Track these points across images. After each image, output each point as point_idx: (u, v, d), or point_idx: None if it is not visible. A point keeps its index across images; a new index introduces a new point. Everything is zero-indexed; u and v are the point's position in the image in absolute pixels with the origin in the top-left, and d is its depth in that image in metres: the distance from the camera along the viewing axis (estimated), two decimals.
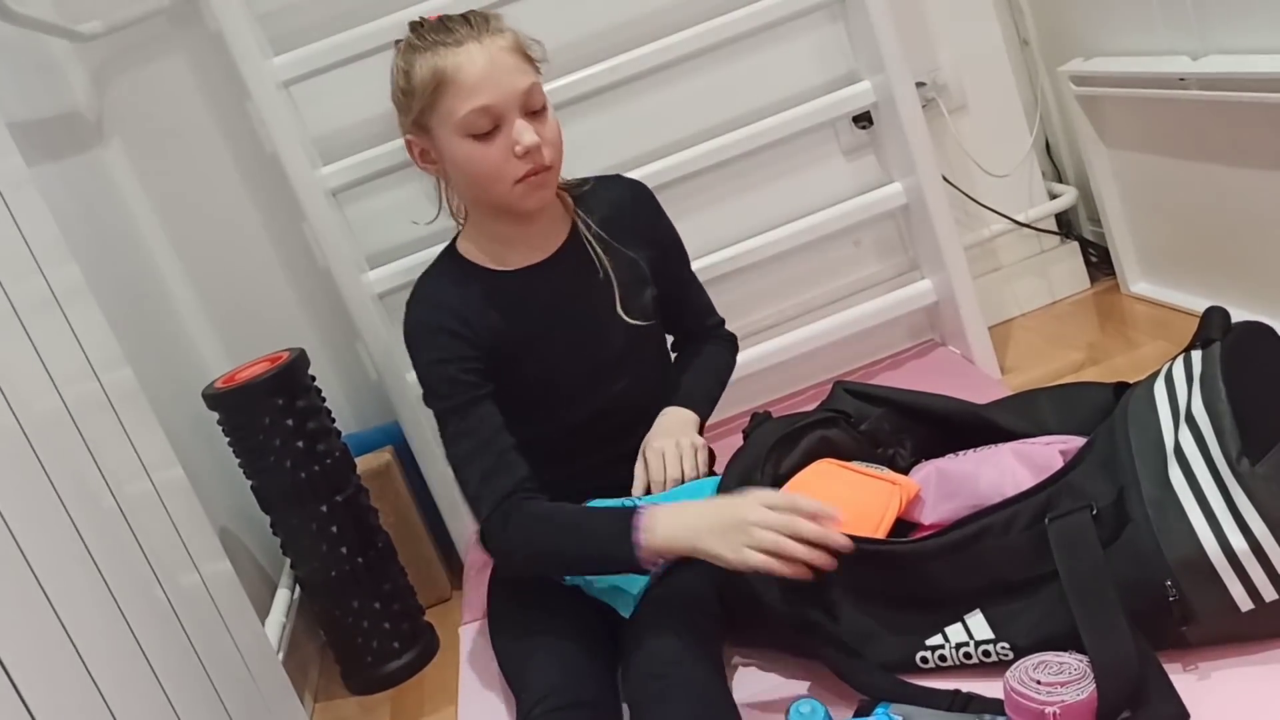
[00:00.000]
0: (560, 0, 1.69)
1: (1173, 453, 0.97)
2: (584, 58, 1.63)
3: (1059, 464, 1.10)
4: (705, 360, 1.44)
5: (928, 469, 1.24)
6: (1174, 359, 1.09)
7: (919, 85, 1.77)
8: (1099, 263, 2.00)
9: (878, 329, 1.82)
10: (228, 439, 1.48)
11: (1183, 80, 1.51)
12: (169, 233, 1.78)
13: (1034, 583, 1.00)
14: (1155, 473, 0.97)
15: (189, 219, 1.78)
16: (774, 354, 1.76)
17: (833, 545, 1.01)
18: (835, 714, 1.00)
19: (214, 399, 1.45)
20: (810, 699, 1.00)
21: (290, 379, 1.46)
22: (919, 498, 1.20)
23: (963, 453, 1.24)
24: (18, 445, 0.85)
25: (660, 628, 1.13)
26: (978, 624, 1.04)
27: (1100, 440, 1.06)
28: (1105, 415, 1.11)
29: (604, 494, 1.28)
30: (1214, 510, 0.91)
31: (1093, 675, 0.89)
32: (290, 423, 1.45)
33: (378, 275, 1.66)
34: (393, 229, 1.72)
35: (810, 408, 1.39)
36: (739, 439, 1.34)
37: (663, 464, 1.28)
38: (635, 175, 1.45)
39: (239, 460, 1.49)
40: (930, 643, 1.06)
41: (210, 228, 1.79)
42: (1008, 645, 1.01)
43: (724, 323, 1.49)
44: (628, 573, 1.16)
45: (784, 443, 1.25)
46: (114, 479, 1.01)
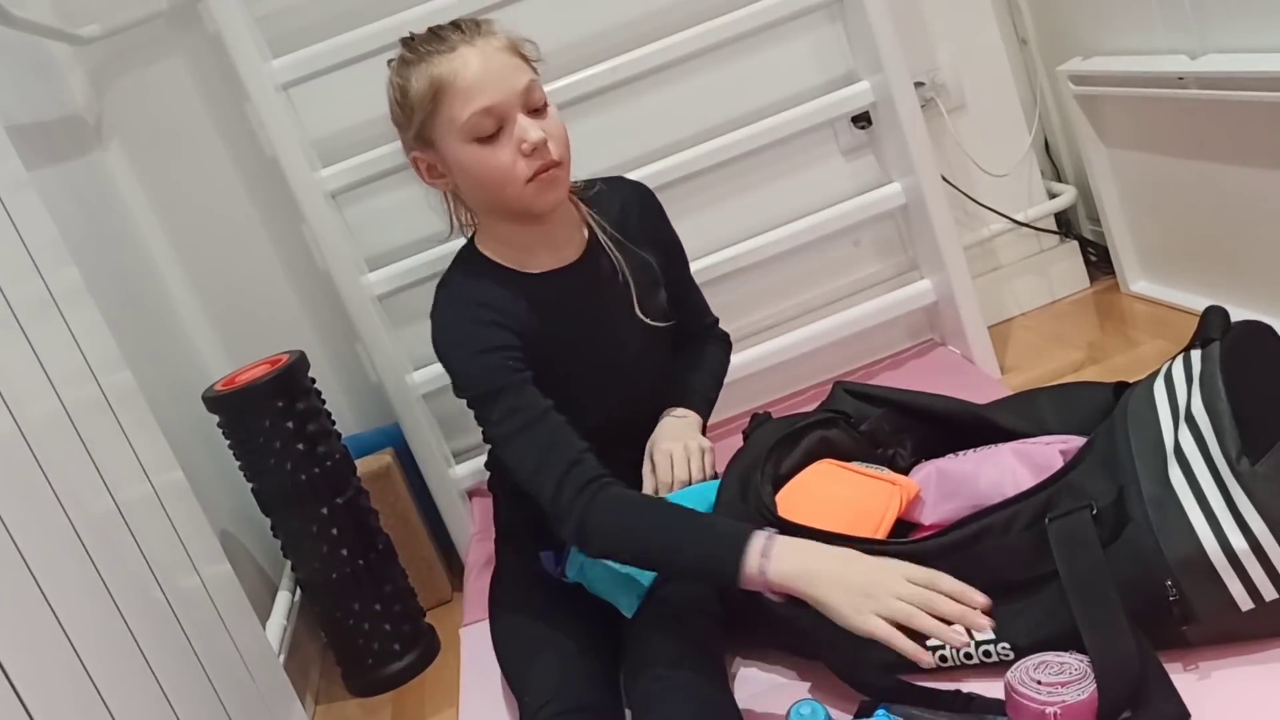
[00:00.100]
0: (560, 1, 1.69)
1: (1172, 452, 0.97)
2: (583, 58, 1.63)
3: (1059, 464, 1.10)
4: (705, 362, 1.44)
5: (928, 469, 1.24)
6: (1173, 358, 1.09)
7: (918, 85, 1.77)
8: (1098, 262, 2.00)
9: (877, 329, 1.82)
10: (228, 441, 1.48)
11: (1181, 79, 1.51)
12: (168, 235, 1.78)
13: (1035, 582, 1.00)
14: (1155, 472, 0.97)
15: (188, 221, 1.78)
16: (774, 354, 1.76)
17: (972, 627, 0.92)
18: (836, 715, 1.00)
19: (214, 401, 1.45)
20: (811, 700, 1.00)
21: (290, 381, 1.46)
22: (919, 498, 1.20)
23: (963, 453, 1.24)
24: (17, 447, 0.85)
25: (663, 628, 1.13)
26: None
27: (1100, 440, 1.06)
28: (1105, 415, 1.11)
29: None
30: (1214, 509, 0.91)
31: (1093, 675, 0.89)
32: (290, 425, 1.45)
33: (377, 277, 1.66)
34: (392, 231, 1.73)
35: (810, 408, 1.39)
36: (739, 439, 1.34)
37: (670, 466, 1.27)
38: (635, 176, 1.44)
39: (239, 462, 1.49)
40: (931, 643, 1.05)
41: (210, 230, 1.79)
42: (1008, 645, 1.01)
43: (718, 321, 1.49)
44: (720, 587, 1.10)
45: (784, 443, 1.26)
46: (113, 481, 1.01)
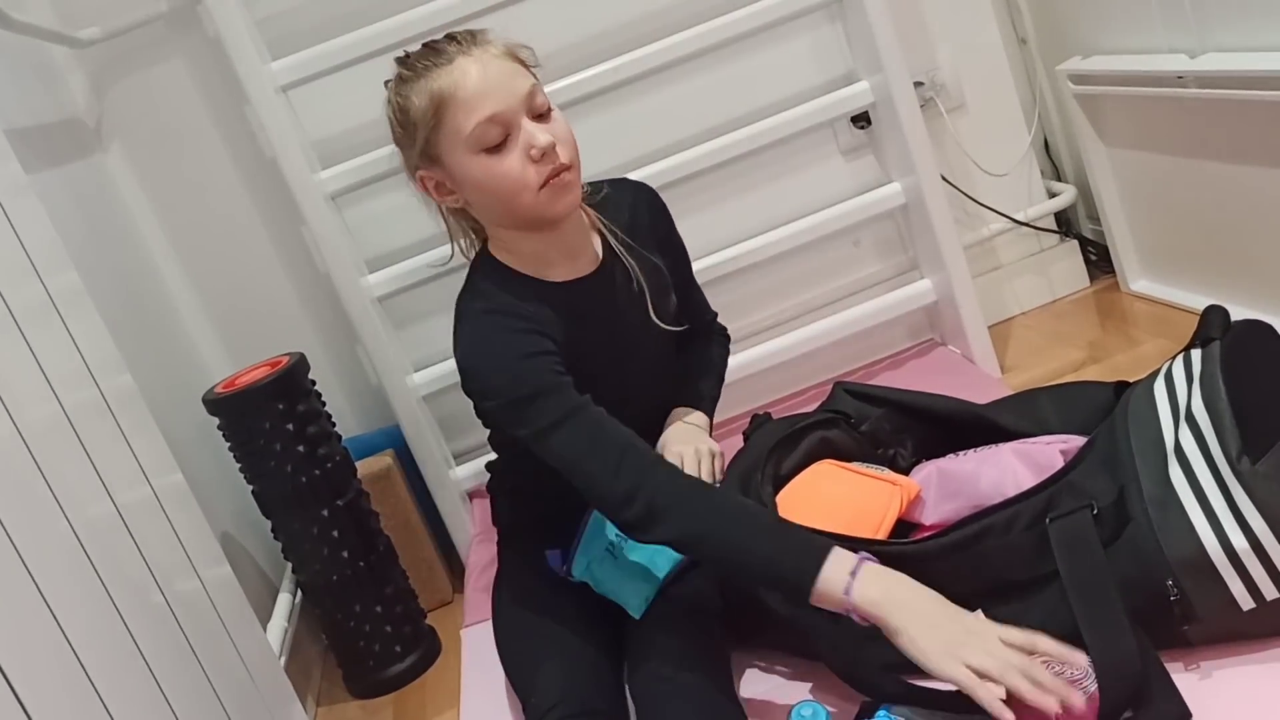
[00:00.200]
0: (559, 2, 1.69)
1: (1173, 451, 0.97)
2: (583, 59, 1.63)
3: (1060, 463, 1.10)
4: (709, 361, 1.43)
5: (928, 469, 1.24)
6: (1174, 358, 1.09)
7: (917, 85, 1.77)
8: (1098, 261, 2.00)
9: (877, 329, 1.82)
10: (228, 444, 1.48)
11: (1181, 78, 1.51)
12: (168, 237, 1.78)
13: (1036, 582, 1.00)
14: (1156, 472, 0.97)
15: (188, 224, 1.78)
16: (774, 354, 1.76)
17: (1066, 702, 0.87)
18: (837, 716, 1.00)
19: (214, 404, 1.45)
20: (812, 702, 1.00)
21: (291, 383, 1.46)
22: (920, 498, 1.20)
23: (963, 453, 1.24)
24: (17, 451, 0.85)
25: (669, 629, 1.13)
26: None
27: (1101, 439, 1.06)
28: (1106, 414, 1.11)
29: None
30: (1214, 509, 0.91)
31: (1095, 675, 0.89)
32: (291, 427, 1.45)
33: (377, 279, 1.66)
34: (392, 232, 1.73)
35: (810, 408, 1.39)
36: (739, 440, 1.34)
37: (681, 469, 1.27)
38: (635, 176, 1.44)
39: (240, 465, 1.49)
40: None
41: (210, 232, 1.79)
42: None
43: (717, 316, 1.49)
44: (788, 599, 1.06)
45: (784, 444, 1.25)
46: (113, 484, 1.01)
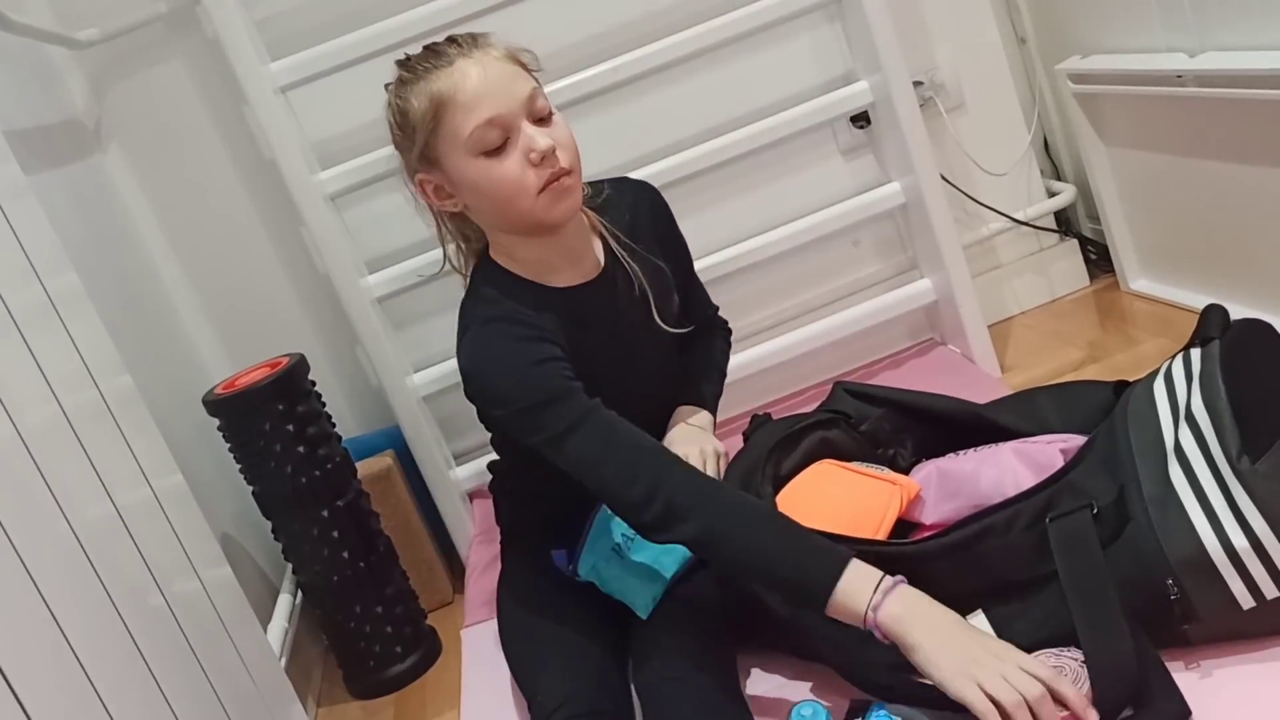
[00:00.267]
0: (559, 2, 1.69)
1: (1173, 451, 0.97)
2: (582, 60, 1.63)
3: (1060, 463, 1.10)
4: (712, 357, 1.43)
5: (928, 469, 1.23)
6: (1173, 357, 1.09)
7: (916, 84, 1.77)
8: (1098, 260, 2.00)
9: (877, 328, 1.82)
10: (228, 445, 1.48)
11: (1180, 77, 1.51)
12: (168, 238, 1.78)
13: (1037, 582, 1.00)
14: (1156, 471, 0.97)
15: (188, 225, 1.78)
16: (774, 354, 1.76)
17: None
18: (837, 716, 1.00)
19: (214, 405, 1.45)
20: (813, 701, 1.00)
21: (290, 384, 1.46)
22: (920, 497, 1.20)
23: (963, 452, 1.24)
24: (17, 453, 0.85)
25: (676, 629, 1.13)
26: (980, 624, 1.03)
27: (1100, 439, 1.06)
28: (1106, 414, 1.11)
29: None
30: (1214, 508, 0.91)
31: (1088, 673, 0.89)
32: (291, 428, 1.45)
33: (377, 279, 1.66)
34: (391, 233, 1.73)
35: (810, 408, 1.39)
36: (739, 440, 1.34)
37: None
38: (635, 177, 1.44)
39: (240, 466, 1.49)
40: None
41: (209, 233, 1.79)
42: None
43: (719, 309, 1.48)
44: (800, 604, 1.05)
45: (784, 444, 1.25)
46: (113, 486, 1.01)
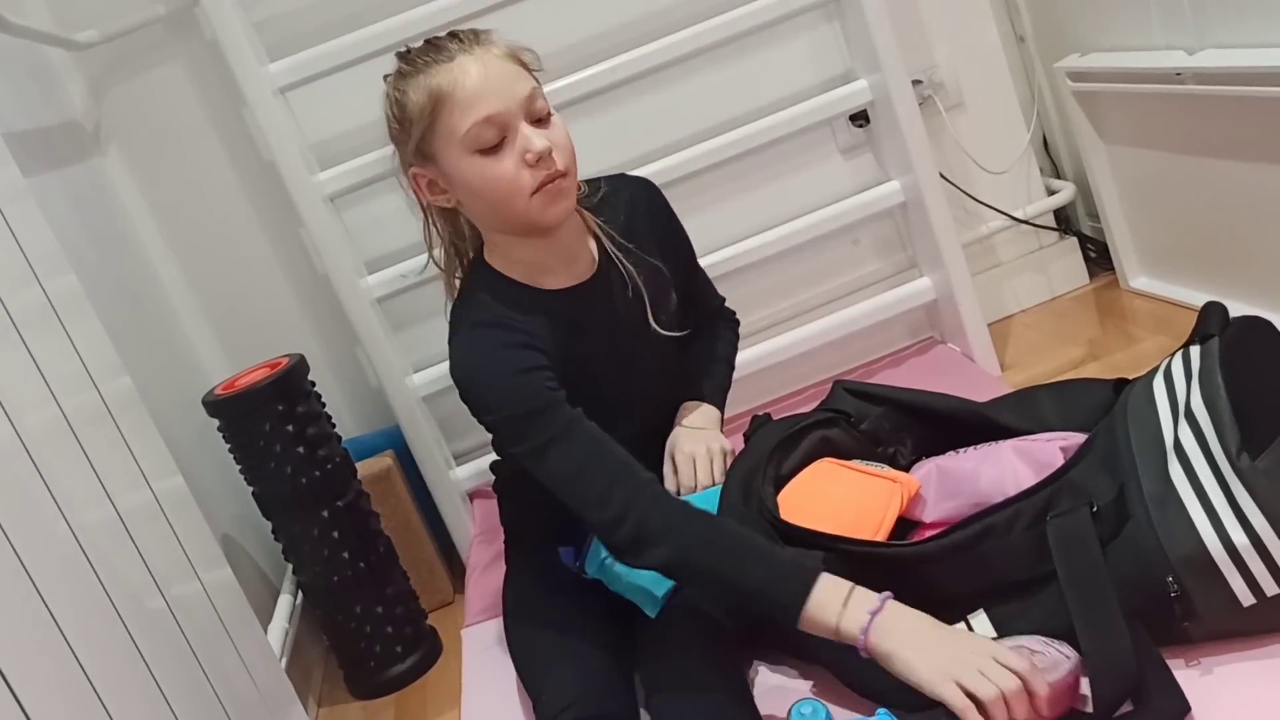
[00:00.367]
0: (559, 2, 1.69)
1: (1173, 449, 0.97)
2: (582, 59, 1.63)
3: (1060, 461, 1.10)
4: (718, 349, 1.42)
5: (928, 467, 1.23)
6: (1173, 355, 1.08)
7: (915, 83, 1.77)
8: (1098, 258, 1.99)
9: (877, 327, 1.82)
10: (228, 446, 1.48)
11: (1179, 75, 1.51)
12: (167, 239, 1.78)
13: (1037, 582, 1.00)
14: (1155, 469, 0.97)
15: (187, 226, 1.78)
16: (774, 354, 1.76)
17: None
18: (837, 715, 1.00)
19: (214, 406, 1.45)
20: (812, 699, 1.00)
21: (290, 384, 1.46)
22: (920, 495, 1.20)
23: (963, 450, 1.23)
24: (16, 456, 0.85)
25: (683, 628, 1.13)
26: (982, 625, 1.03)
27: (1100, 437, 1.06)
28: (1105, 412, 1.10)
29: None
30: (1214, 506, 0.91)
31: (1072, 663, 0.90)
32: (291, 428, 1.45)
33: (376, 280, 1.66)
34: (391, 234, 1.73)
35: (810, 408, 1.39)
36: (740, 441, 1.34)
37: (693, 469, 1.26)
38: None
39: (240, 467, 1.49)
40: None
41: (208, 234, 1.79)
42: None
43: (725, 300, 1.47)
44: (779, 620, 1.02)
45: (785, 444, 1.25)
46: (113, 488, 1.01)
